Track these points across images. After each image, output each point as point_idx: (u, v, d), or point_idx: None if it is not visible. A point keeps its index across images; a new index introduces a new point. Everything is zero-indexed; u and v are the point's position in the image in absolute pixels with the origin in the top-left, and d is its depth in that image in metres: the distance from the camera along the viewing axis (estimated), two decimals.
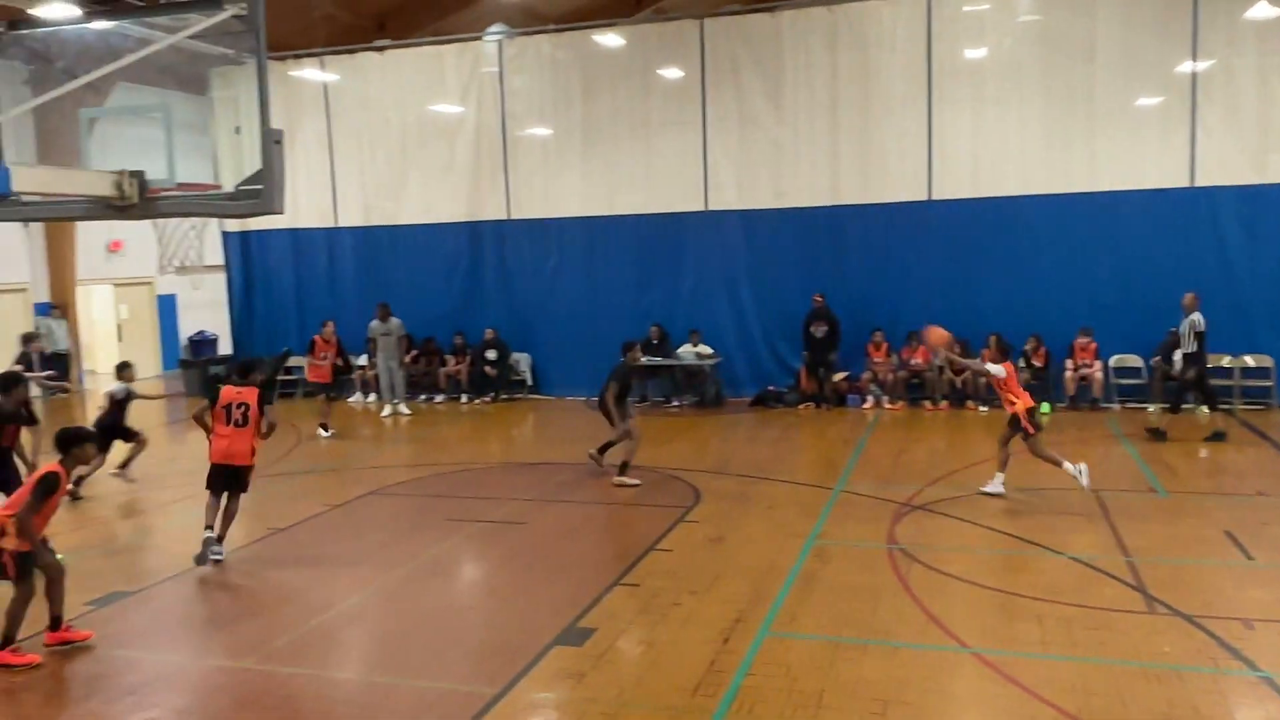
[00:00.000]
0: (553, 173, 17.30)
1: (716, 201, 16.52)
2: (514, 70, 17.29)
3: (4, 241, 18.88)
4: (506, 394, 17.41)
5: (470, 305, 17.86)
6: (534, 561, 8.33)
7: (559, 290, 17.46)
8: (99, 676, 6.21)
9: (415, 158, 17.99)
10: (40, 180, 5.58)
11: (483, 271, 17.88)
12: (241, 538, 9.36)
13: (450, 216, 17.81)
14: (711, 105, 16.33)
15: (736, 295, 16.67)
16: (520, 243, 17.60)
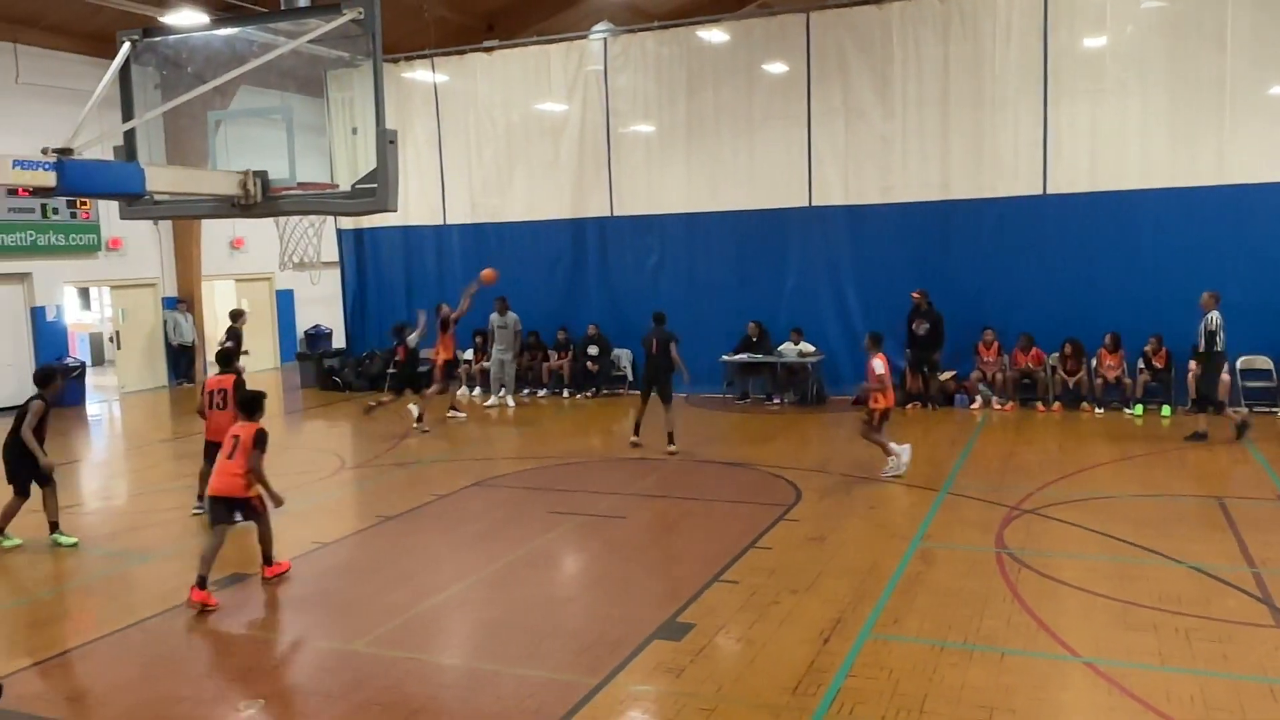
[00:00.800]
0: (656, 169, 17.37)
1: (821, 197, 16.33)
2: (618, 68, 17.41)
3: (136, 239, 19.93)
4: (607, 389, 17.56)
5: (573, 301, 18.08)
6: (633, 555, 8.40)
7: (660, 286, 17.51)
8: (222, 654, 6.53)
9: (521, 156, 18.29)
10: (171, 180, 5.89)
11: (585, 268, 18.07)
12: (351, 525, 9.70)
13: (554, 213, 18.05)
14: (817, 99, 16.13)
15: (840, 292, 16.43)
16: (623, 239, 17.72)
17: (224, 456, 7.77)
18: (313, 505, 10.56)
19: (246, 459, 7.62)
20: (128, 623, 7.08)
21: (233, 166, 6.26)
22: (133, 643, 6.76)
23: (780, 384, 16.35)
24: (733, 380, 16.72)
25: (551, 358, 17.84)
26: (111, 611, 7.43)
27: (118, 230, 19.31)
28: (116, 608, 7.52)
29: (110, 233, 19.36)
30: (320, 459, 12.86)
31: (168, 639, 6.79)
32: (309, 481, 11.62)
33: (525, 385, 17.91)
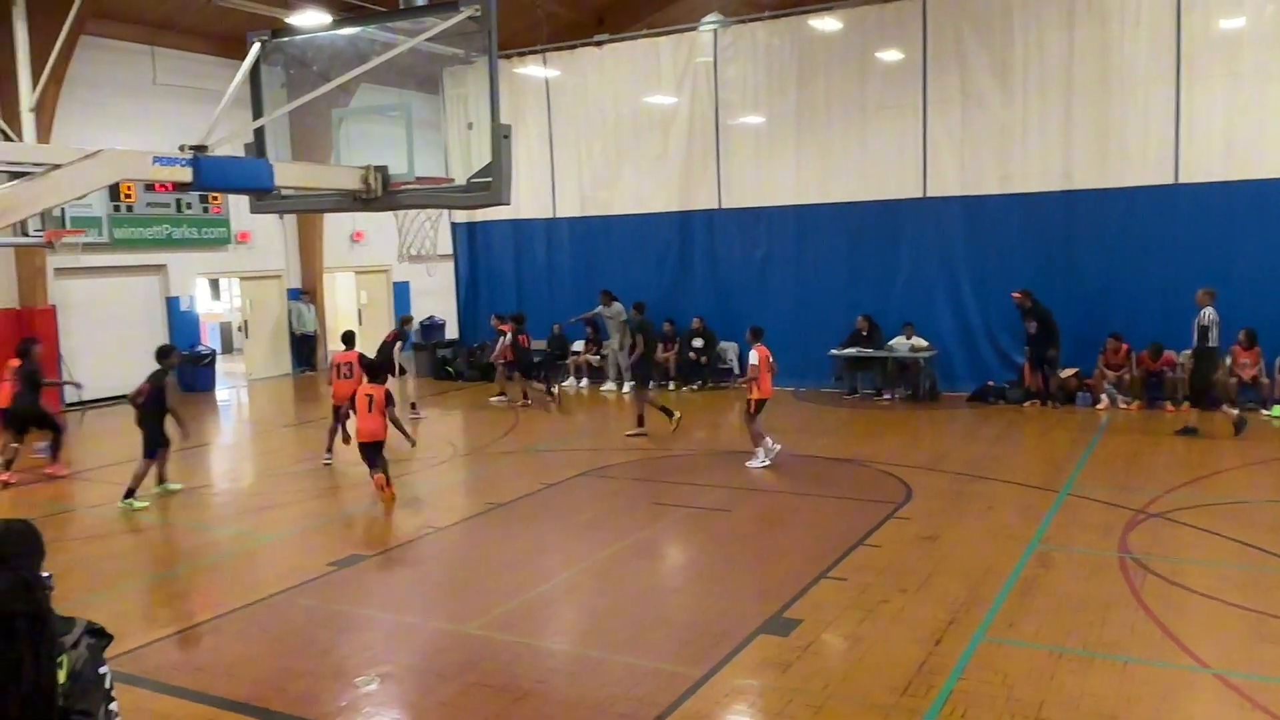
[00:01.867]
0: (765, 161, 17.22)
1: (936, 187, 15.92)
2: (728, 59, 17.32)
3: (263, 232, 20.83)
4: (713, 382, 17.54)
5: (680, 294, 18.10)
6: (739, 549, 8.38)
7: (768, 279, 17.39)
8: (341, 631, 6.79)
9: (629, 149, 18.39)
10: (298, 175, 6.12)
11: (692, 260, 18.07)
12: (463, 510, 9.95)
13: (662, 206, 18.10)
14: (933, 87, 15.73)
15: (955, 285, 16.01)
16: (730, 232, 17.64)
17: (364, 412, 9.98)
18: (427, 491, 10.88)
19: (384, 412, 9.93)
20: (254, 599, 7.43)
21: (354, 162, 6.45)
22: (258, 618, 7.09)
23: (891, 379, 16.03)
24: (841, 375, 16.48)
25: (658, 349, 17.90)
26: (239, 588, 7.81)
27: (246, 224, 20.21)
28: (243, 584, 7.90)
29: (239, 226, 20.28)
30: (435, 446, 13.22)
31: (291, 615, 7.10)
32: (423, 467, 11.96)
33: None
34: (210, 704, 5.64)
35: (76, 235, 13.22)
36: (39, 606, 2.85)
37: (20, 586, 2.82)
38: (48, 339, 16.89)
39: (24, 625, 2.79)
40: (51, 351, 16.98)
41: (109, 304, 18.13)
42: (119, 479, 11.84)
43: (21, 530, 3.01)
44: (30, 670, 2.78)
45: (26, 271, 16.75)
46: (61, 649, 2.89)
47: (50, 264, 16.90)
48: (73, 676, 2.90)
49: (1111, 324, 14.60)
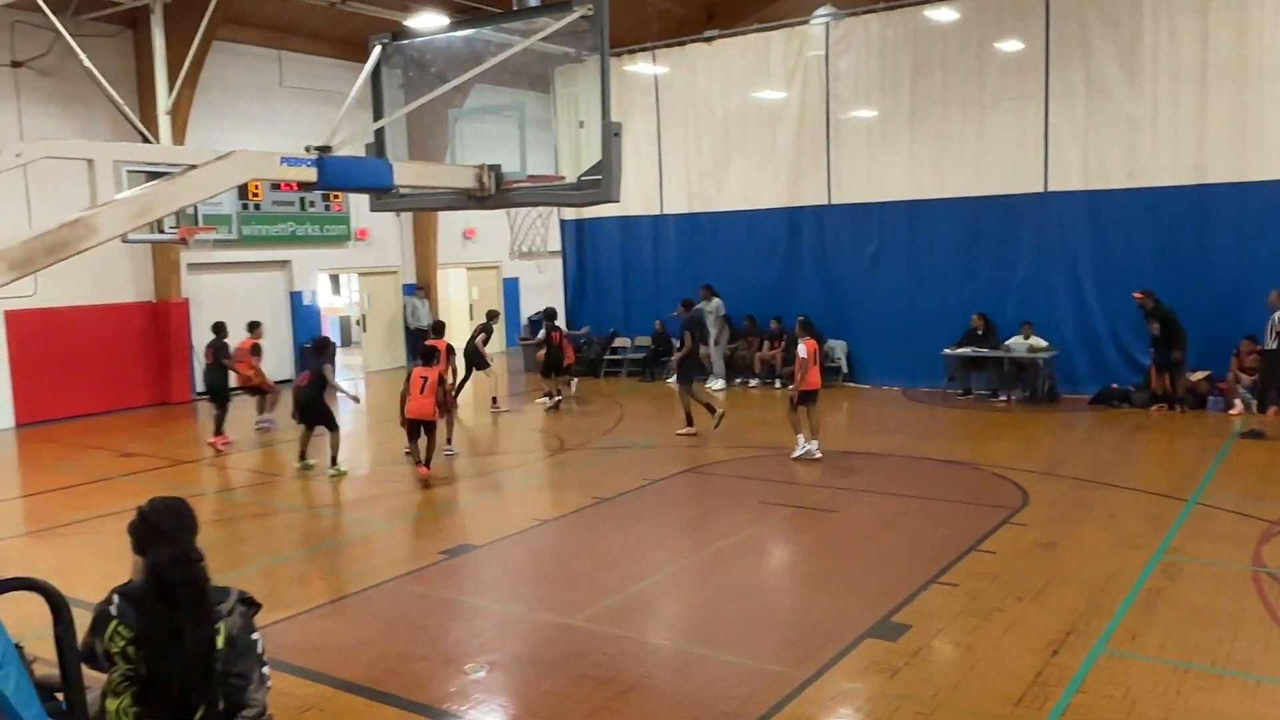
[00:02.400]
0: (877, 156, 16.91)
1: (1058, 182, 15.35)
2: (840, 52, 17.06)
3: (381, 230, 21.51)
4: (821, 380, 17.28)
5: (787, 291, 17.93)
6: (846, 551, 8.27)
7: (879, 276, 17.08)
8: (451, 618, 6.97)
9: (738, 144, 18.30)
10: (415, 175, 6.29)
11: (801, 257, 17.88)
12: (570, 504, 10.09)
13: (770, 202, 17.96)
14: (1055, 78, 15.16)
15: (1077, 284, 15.41)
16: (840, 228, 17.39)
17: (416, 392, 10.91)
18: (534, 484, 11.07)
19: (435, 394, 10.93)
20: (369, 584, 7.69)
21: (469, 161, 6.60)
22: (373, 603, 7.33)
23: (1007, 380, 15.54)
24: (955, 375, 16.06)
25: (764, 347, 17.79)
26: (355, 573, 8.11)
27: (365, 222, 20.92)
28: (359, 570, 8.19)
29: (358, 224, 21.00)
30: (542, 440, 13.44)
31: (404, 601, 7.32)
32: (531, 461, 12.18)
33: (737, 374, 17.97)
34: (328, 684, 5.86)
35: (208, 232, 13.90)
36: (197, 577, 3.05)
37: (180, 559, 3.02)
38: (180, 332, 17.85)
39: (185, 594, 2.99)
40: (184, 343, 17.93)
41: (237, 298, 18.95)
42: (242, 465, 12.43)
43: (177, 507, 3.23)
44: (191, 636, 2.98)
45: (162, 267, 17.69)
46: (219, 616, 3.08)
47: (184, 259, 17.81)
48: (229, 642, 3.09)
49: (1246, 325, 13.82)
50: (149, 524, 3.14)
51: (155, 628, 2.96)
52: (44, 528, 9.80)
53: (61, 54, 14.68)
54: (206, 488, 11.21)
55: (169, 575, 2.99)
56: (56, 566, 8.07)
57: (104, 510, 10.15)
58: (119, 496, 10.74)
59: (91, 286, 16.54)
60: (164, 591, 2.98)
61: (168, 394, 17.72)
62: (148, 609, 2.98)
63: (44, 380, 16.07)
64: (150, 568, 3.00)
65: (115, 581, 3.18)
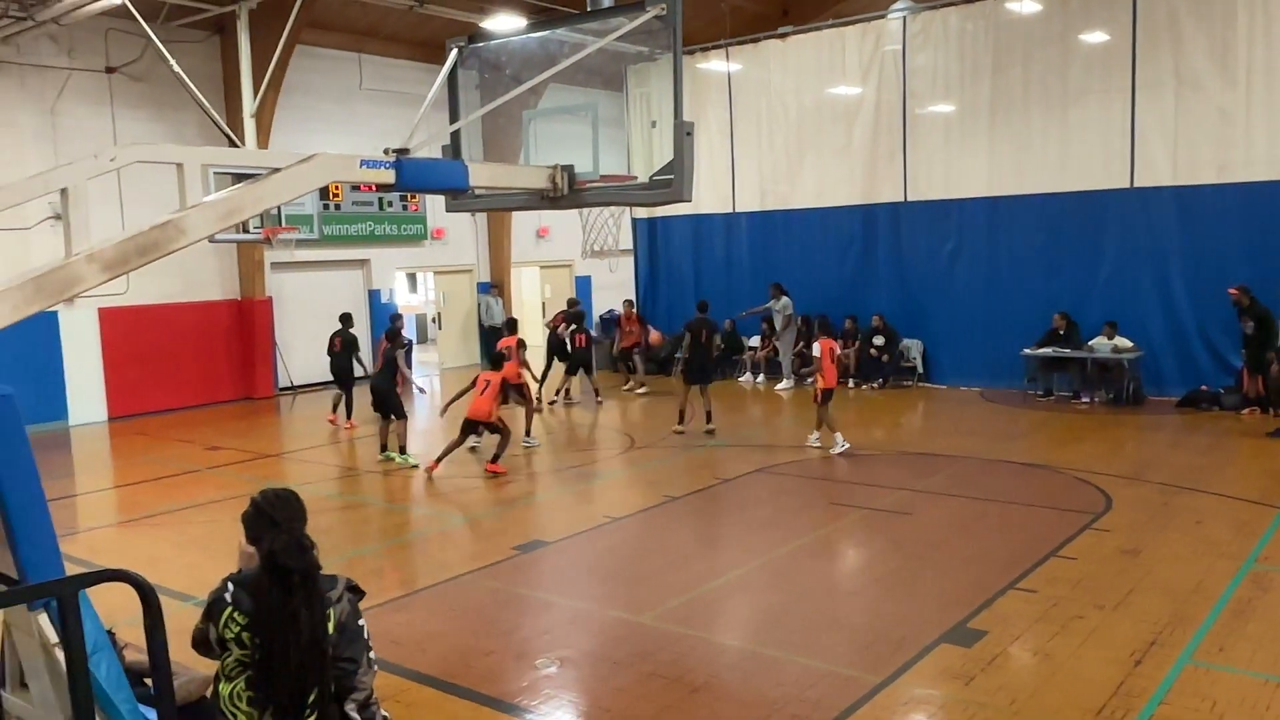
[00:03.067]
0: (955, 152, 16.60)
1: (1144, 177, 14.88)
2: (917, 46, 16.79)
3: (456, 229, 21.85)
4: (895, 380, 17.10)
5: (862, 289, 17.72)
6: (921, 554, 8.14)
7: (956, 275, 16.76)
8: (523, 613, 7.06)
9: (811, 142, 18.14)
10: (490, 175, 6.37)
11: (876, 255, 17.65)
12: (640, 502, 10.12)
13: (845, 200, 17.76)
14: (1142, 70, 14.69)
15: (1165, 282, 14.92)
16: (917, 225, 17.12)
17: (477, 393, 11.22)
18: (605, 481, 11.14)
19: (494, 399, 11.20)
20: (444, 578, 7.83)
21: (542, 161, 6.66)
22: (447, 596, 7.46)
23: (1090, 381, 15.13)
24: (1035, 376, 15.69)
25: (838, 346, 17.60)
26: (430, 566, 8.26)
27: (441, 221, 21.27)
28: (434, 563, 8.35)
29: (434, 223, 21.37)
30: (613, 438, 13.51)
31: (478, 595, 7.44)
32: (602, 458, 12.25)
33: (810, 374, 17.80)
34: (403, 676, 5.99)
35: (291, 232, 14.32)
36: (310, 564, 3.16)
37: (295, 546, 3.14)
38: (264, 329, 18.38)
39: (299, 580, 3.10)
40: (267, 340, 18.46)
41: (317, 296, 19.47)
42: (324, 459, 12.74)
43: (288, 497, 3.36)
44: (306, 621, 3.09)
45: (247, 266, 18.23)
46: (329, 603, 3.19)
47: (267, 259, 18.34)
48: (339, 628, 3.20)
49: None
50: (263, 513, 3.26)
51: (271, 613, 3.06)
52: (134, 518, 10.20)
53: (152, 59, 15.21)
54: (289, 481, 11.53)
55: (284, 562, 3.09)
56: (146, 556, 8.39)
57: (191, 502, 10.52)
58: (206, 489, 11.12)
59: (180, 285, 17.12)
60: (279, 578, 3.09)
61: (252, 389, 18.25)
62: (263, 595, 3.08)
63: (135, 375, 16.69)
64: (266, 555, 3.10)
65: (202, 572, 3.32)
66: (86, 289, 4.02)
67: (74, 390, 16.11)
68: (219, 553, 7.87)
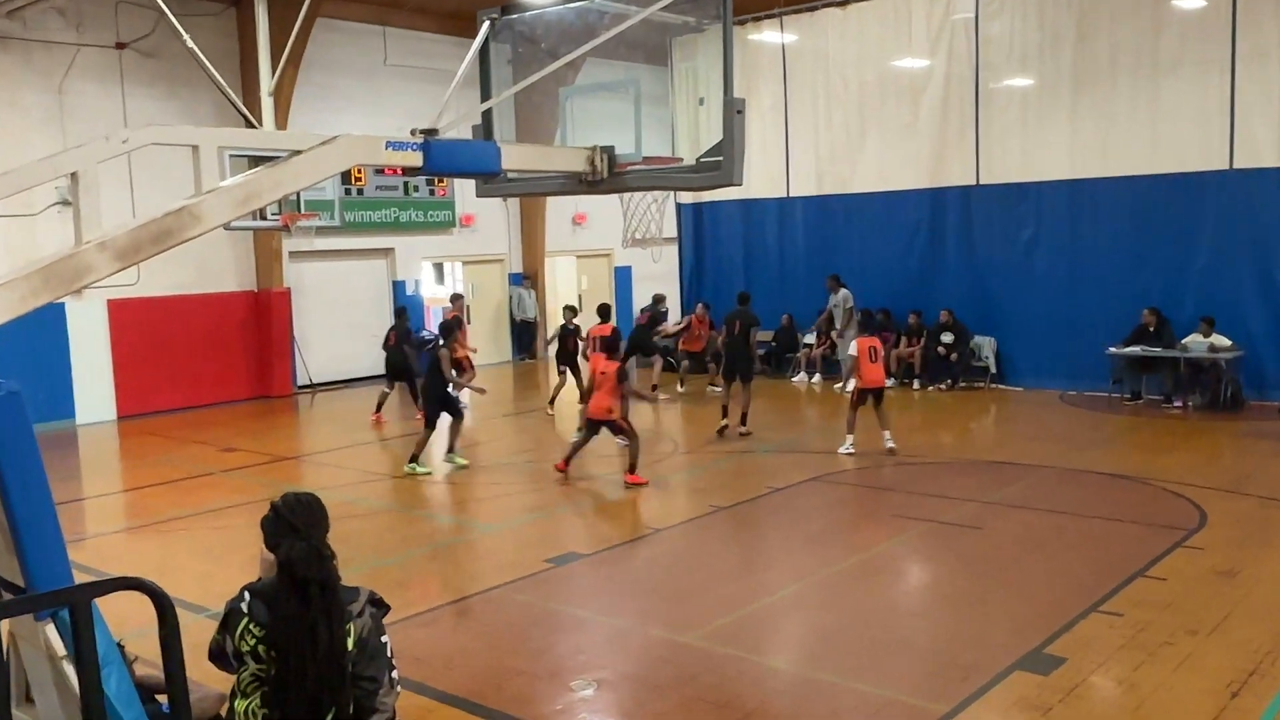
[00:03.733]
0: (1033, 130, 16.39)
1: (1245, 158, 14.57)
2: (991, 14, 16.59)
3: (487, 216, 22.03)
4: (965, 381, 16.94)
5: (929, 282, 17.57)
6: (992, 572, 8.07)
7: (1034, 265, 16.56)
8: (556, 631, 7.10)
9: (874, 119, 18.01)
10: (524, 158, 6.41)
11: (944, 244, 17.49)
12: (684, 512, 10.13)
13: (910, 183, 17.62)
14: (1243, 38, 14.39)
15: (1268, 274, 14.61)
16: (990, 211, 16.93)
17: (596, 388, 11.21)
18: (646, 489, 11.14)
19: (614, 391, 10.99)
20: (472, 591, 7.90)
21: (580, 142, 6.69)
22: (476, 611, 7.54)
23: (1183, 383, 14.87)
24: (1121, 377, 15.45)
25: (901, 343, 17.49)
26: (457, 579, 8.34)
27: (470, 207, 21.47)
28: (462, 576, 8.43)
29: (463, 210, 21.58)
30: (655, 443, 13.52)
31: (508, 610, 7.49)
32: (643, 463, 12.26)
33: None
34: (429, 696, 6.05)
35: (311, 219, 14.48)
36: (330, 574, 3.20)
37: (314, 555, 3.19)
38: (282, 321, 18.66)
39: (316, 591, 3.14)
40: (285, 334, 18.73)
41: (338, 287, 19.75)
42: (344, 463, 12.91)
43: (310, 502, 3.40)
44: (325, 634, 3.13)
45: (264, 255, 18.53)
46: (349, 616, 3.24)
47: (285, 247, 18.61)
48: (359, 644, 3.24)
49: None
50: (282, 518, 3.30)
51: (287, 625, 3.11)
52: (144, 523, 10.41)
53: (164, 34, 15.48)
54: (309, 486, 11.69)
55: (302, 571, 3.14)
56: (156, 564, 8.57)
57: (205, 507, 10.72)
58: (220, 493, 11.32)
59: (193, 275, 17.44)
60: (296, 588, 3.13)
61: (269, 387, 18.54)
62: (280, 606, 3.13)
63: (146, 372, 17.03)
64: (283, 563, 3.15)
65: (216, 581, 3.38)
66: (98, 279, 4.13)
67: (81, 387, 16.47)
68: (234, 561, 8.02)
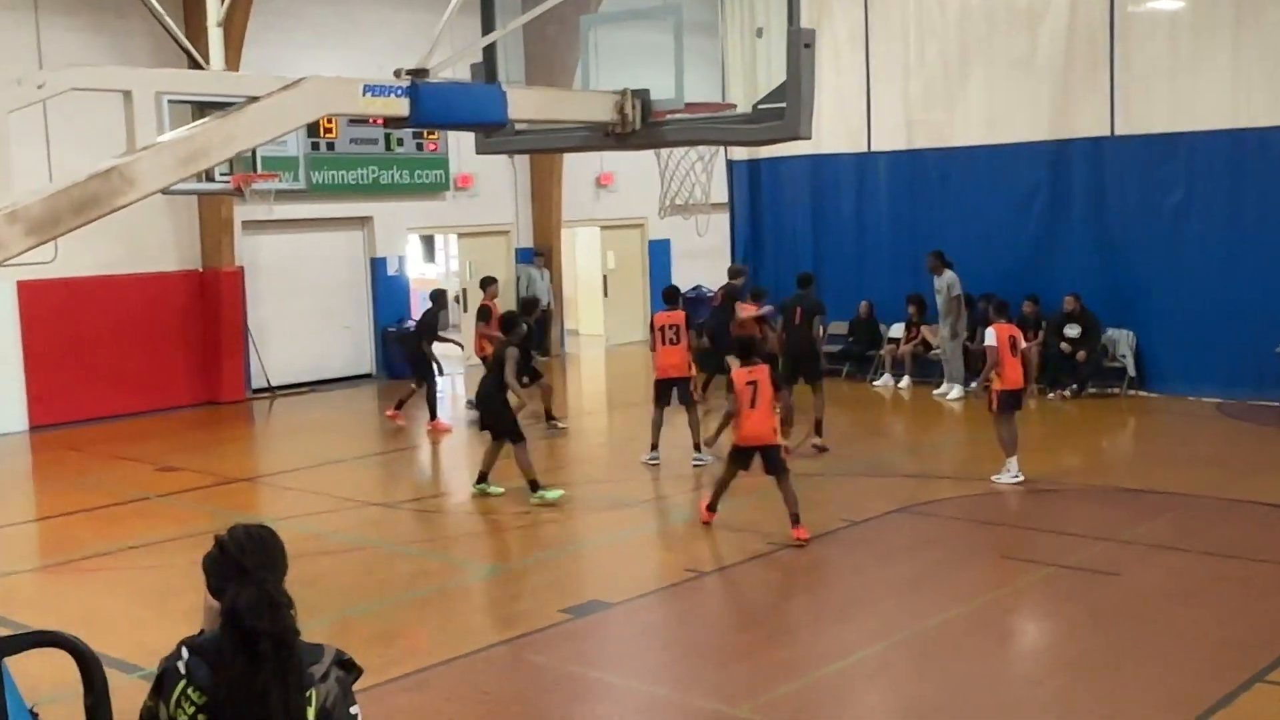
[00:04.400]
0: (1183, 66, 16.23)
1: None
2: None
3: (489, 176, 22.01)
4: (1096, 386, 16.81)
5: (1047, 259, 17.45)
6: (1131, 629, 8.02)
7: (1185, 239, 16.41)
8: (575, 700, 7.14)
9: (979, 54, 17.90)
10: (537, 105, 6.45)
11: (1068, 212, 17.36)
12: (736, 551, 10.12)
13: (1026, 134, 17.50)
14: None
15: None
16: (1128, 170, 16.80)
17: (746, 407, 10.03)
18: (687, 520, 11.15)
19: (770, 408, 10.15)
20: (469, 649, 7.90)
21: (606, 85, 6.71)
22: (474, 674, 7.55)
23: None
24: None
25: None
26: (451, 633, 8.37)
27: (468, 166, 21.47)
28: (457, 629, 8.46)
29: (459, 169, 21.60)
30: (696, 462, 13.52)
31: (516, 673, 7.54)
32: (682, 490, 12.27)
33: (975, 375, 17.60)
34: None
35: (269, 180, 14.57)
36: (286, 627, 3.21)
37: (265, 602, 3.20)
38: (233, 309, 18.77)
39: (269, 648, 3.15)
40: (237, 323, 18.85)
41: (303, 266, 19.80)
42: (310, 486, 12.99)
43: (262, 537, 3.40)
44: (278, 702, 3.14)
45: (211, 226, 18.61)
46: (310, 680, 3.24)
47: (237, 216, 18.72)
48: (321, 715, 3.25)
49: None
50: (228, 557, 3.30)
51: (233, 689, 3.13)
52: (62, 560, 10.55)
53: None
54: (267, 515, 11.80)
55: (250, 622, 3.14)
56: (79, 611, 8.67)
57: (137, 540, 10.83)
58: (156, 523, 11.44)
59: (123, 251, 17.58)
60: (244, 643, 3.15)
61: (217, 391, 18.65)
62: (224, 666, 3.15)
63: (64, 371, 17.17)
64: (228, 612, 3.16)
65: (150, 633, 3.42)
66: (7, 259, 4.20)
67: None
68: (173, 609, 8.10)
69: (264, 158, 16.20)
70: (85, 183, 4.33)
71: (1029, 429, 15.05)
